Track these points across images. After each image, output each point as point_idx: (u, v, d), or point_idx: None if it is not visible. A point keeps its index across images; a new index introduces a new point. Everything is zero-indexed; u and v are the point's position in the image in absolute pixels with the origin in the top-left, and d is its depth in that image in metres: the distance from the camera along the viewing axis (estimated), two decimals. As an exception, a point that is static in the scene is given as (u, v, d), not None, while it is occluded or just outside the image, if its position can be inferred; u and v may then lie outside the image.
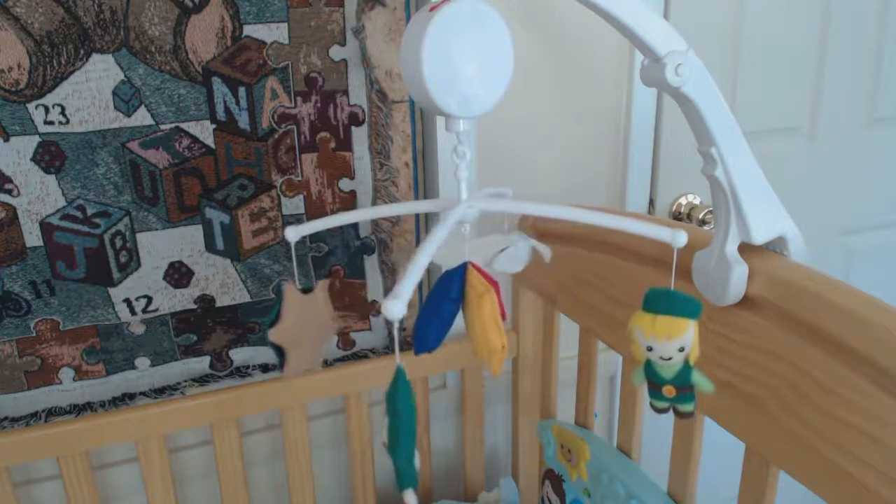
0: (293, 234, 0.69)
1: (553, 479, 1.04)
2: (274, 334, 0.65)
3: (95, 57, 0.85)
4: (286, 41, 0.92)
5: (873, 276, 1.42)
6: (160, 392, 1.02)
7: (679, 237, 0.46)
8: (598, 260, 0.90)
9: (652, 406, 0.58)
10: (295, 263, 0.63)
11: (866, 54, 1.27)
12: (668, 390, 0.55)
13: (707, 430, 0.79)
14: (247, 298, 1.01)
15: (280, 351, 0.66)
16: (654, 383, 0.55)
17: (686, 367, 0.53)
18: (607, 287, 0.88)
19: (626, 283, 0.85)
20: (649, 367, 0.55)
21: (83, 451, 0.92)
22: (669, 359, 0.52)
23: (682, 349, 0.52)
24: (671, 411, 0.57)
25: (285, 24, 0.91)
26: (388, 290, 1.09)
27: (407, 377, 0.45)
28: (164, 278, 0.97)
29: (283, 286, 0.67)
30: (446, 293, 0.53)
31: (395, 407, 0.44)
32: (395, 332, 0.44)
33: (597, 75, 1.10)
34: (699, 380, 0.54)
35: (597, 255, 0.90)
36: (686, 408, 0.56)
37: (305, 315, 0.65)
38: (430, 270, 1.13)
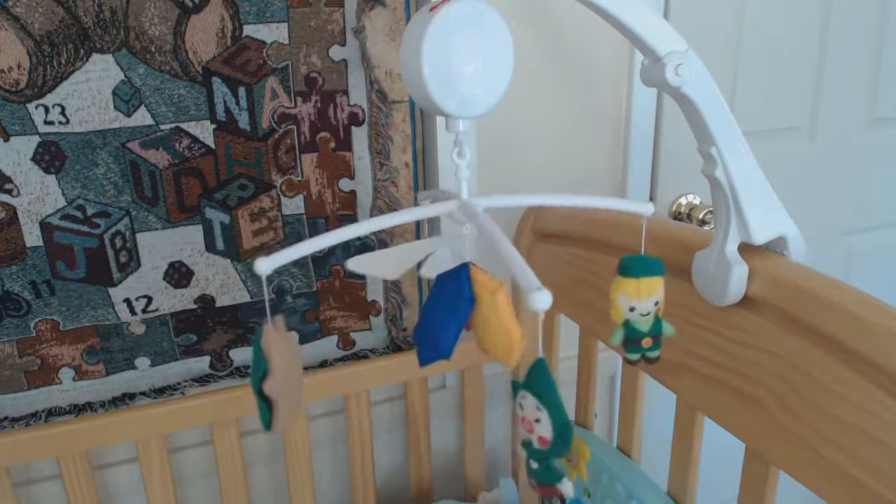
0: (266, 265, 0.54)
1: (553, 479, 1.04)
2: (269, 387, 0.55)
3: (95, 57, 0.85)
4: (286, 41, 0.92)
5: (873, 276, 1.42)
6: (160, 392, 1.02)
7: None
8: (598, 260, 0.90)
9: (627, 360, 0.63)
10: (268, 299, 0.53)
11: (866, 54, 1.27)
12: (647, 341, 0.62)
13: (707, 430, 0.79)
14: (247, 298, 1.01)
15: (268, 403, 0.56)
16: (634, 339, 0.61)
17: (658, 319, 0.61)
18: (607, 287, 0.88)
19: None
20: (629, 326, 0.61)
21: (83, 451, 0.92)
22: (648, 314, 0.60)
23: (657, 303, 0.60)
24: (640, 361, 0.63)
25: (285, 24, 0.91)
26: (387, 290, 1.09)
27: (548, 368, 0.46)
28: (164, 278, 0.97)
29: (260, 329, 0.56)
30: (458, 295, 0.52)
31: (550, 400, 0.45)
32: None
33: (597, 75, 1.10)
34: (666, 326, 0.62)
35: (596, 255, 0.90)
36: (655, 353, 0.63)
37: (287, 356, 0.56)
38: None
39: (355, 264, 0.59)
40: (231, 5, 0.88)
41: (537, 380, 0.44)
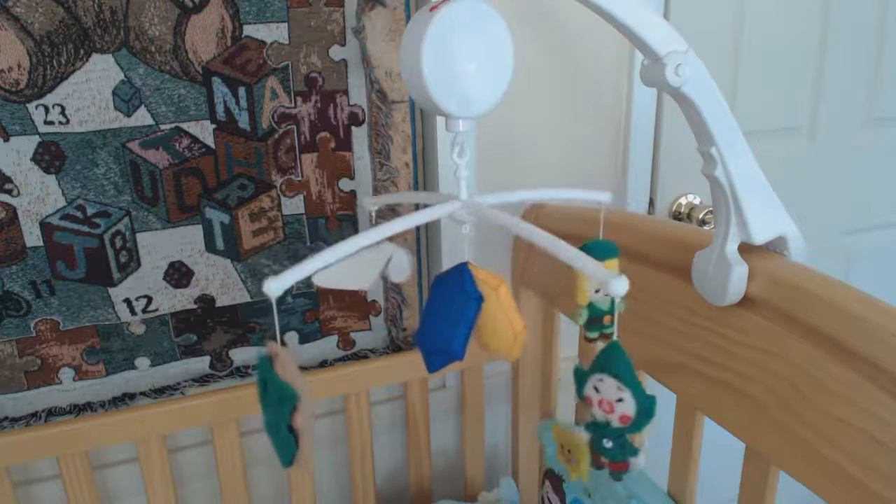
0: (276, 286, 0.48)
1: (553, 479, 1.04)
2: (302, 420, 0.49)
3: (95, 57, 0.85)
4: (286, 41, 0.92)
5: (873, 276, 1.42)
6: (160, 392, 1.02)
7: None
8: (598, 260, 0.90)
9: (587, 339, 0.67)
10: (277, 323, 0.47)
11: (866, 54, 1.27)
12: (607, 319, 0.66)
13: (707, 430, 0.79)
14: (247, 298, 1.01)
15: (295, 438, 0.50)
16: (596, 318, 0.66)
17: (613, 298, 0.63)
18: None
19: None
20: (592, 307, 0.65)
21: (83, 451, 0.92)
22: (607, 294, 0.62)
23: None
24: (599, 338, 0.67)
25: (285, 24, 0.91)
26: (388, 290, 1.09)
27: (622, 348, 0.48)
28: (164, 278, 0.97)
29: (266, 357, 0.49)
30: (464, 295, 0.52)
31: (631, 378, 0.47)
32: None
33: (597, 75, 1.10)
34: (620, 302, 0.65)
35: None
36: (611, 330, 0.66)
37: (303, 382, 0.50)
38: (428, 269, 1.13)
39: (321, 280, 0.56)
40: (231, 5, 0.88)
41: (615, 361, 0.46)
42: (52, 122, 0.86)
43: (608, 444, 0.51)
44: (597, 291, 0.64)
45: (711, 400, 0.74)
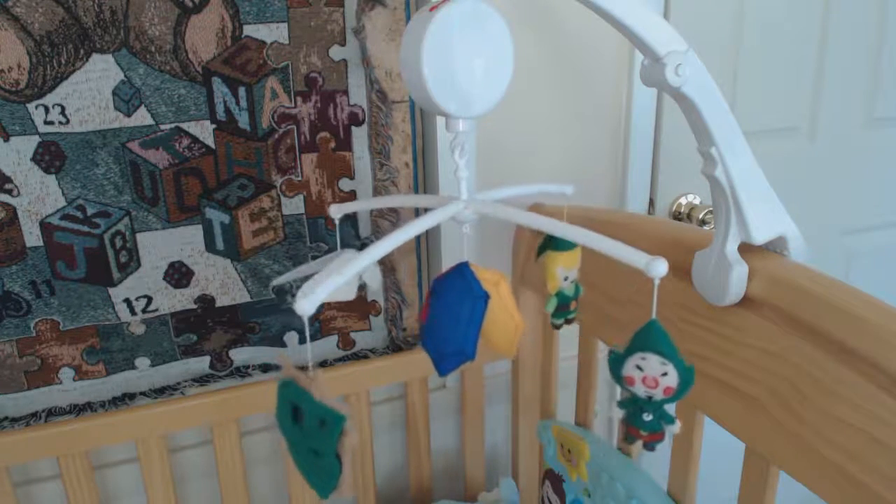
0: (308, 306, 0.50)
1: (553, 479, 1.04)
2: (352, 443, 0.46)
3: (95, 57, 0.85)
4: (286, 41, 0.92)
5: (873, 276, 1.42)
6: (160, 392, 1.02)
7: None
8: (598, 260, 0.90)
9: (554, 325, 0.71)
10: (309, 341, 0.46)
11: (866, 54, 1.27)
12: (573, 304, 0.70)
13: (707, 430, 0.79)
14: (247, 298, 1.01)
15: (339, 462, 0.46)
16: (563, 304, 0.69)
17: (577, 284, 0.70)
18: (607, 287, 0.89)
19: (626, 283, 0.85)
20: (560, 294, 0.68)
21: (83, 451, 0.92)
22: (573, 281, 0.70)
23: (577, 269, 0.69)
24: (563, 324, 0.72)
25: (285, 24, 0.91)
26: (388, 290, 1.09)
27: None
28: (164, 278, 0.97)
29: (291, 376, 0.46)
30: (470, 295, 0.52)
31: (673, 352, 0.50)
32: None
33: (597, 75, 1.10)
34: (580, 288, 0.71)
35: (596, 255, 0.90)
36: (573, 315, 0.71)
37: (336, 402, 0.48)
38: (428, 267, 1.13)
39: (314, 303, 0.56)
40: (231, 5, 0.88)
41: (657, 339, 0.49)
42: (52, 122, 0.86)
43: (648, 417, 0.53)
44: (565, 279, 0.68)
45: (711, 400, 0.74)
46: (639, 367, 0.51)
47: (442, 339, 0.52)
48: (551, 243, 0.67)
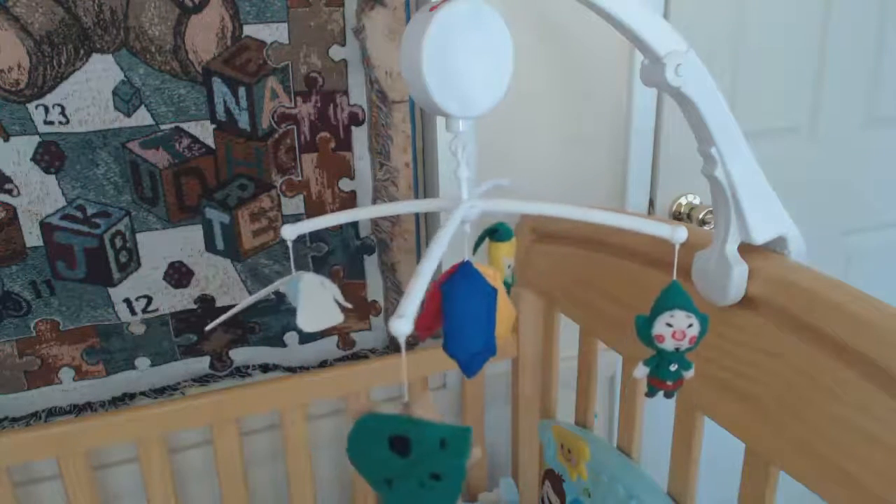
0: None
1: (553, 479, 1.04)
2: (479, 452, 0.44)
3: (95, 57, 0.85)
4: (286, 41, 0.92)
5: (873, 276, 1.42)
6: (160, 392, 1.02)
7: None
8: (598, 260, 0.90)
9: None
10: (404, 357, 0.45)
11: (866, 54, 1.27)
12: (514, 291, 0.75)
13: (707, 430, 0.79)
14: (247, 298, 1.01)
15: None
16: (507, 291, 0.72)
17: (513, 273, 0.78)
18: (607, 287, 0.89)
19: (626, 283, 0.85)
20: (505, 283, 0.73)
21: (83, 451, 0.92)
22: (513, 268, 0.77)
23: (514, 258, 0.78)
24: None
25: (285, 24, 0.91)
26: (388, 290, 1.09)
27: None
28: (164, 278, 0.97)
29: (368, 412, 0.44)
30: (481, 293, 0.52)
31: (693, 305, 0.57)
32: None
33: (597, 75, 1.10)
34: (515, 276, 0.82)
35: (596, 256, 0.90)
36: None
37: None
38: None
39: (309, 326, 0.69)
40: (231, 5, 0.88)
41: (680, 296, 0.56)
42: (52, 122, 0.86)
43: (674, 367, 0.59)
44: (508, 267, 0.75)
45: (711, 400, 0.74)
46: (668, 325, 0.57)
47: (470, 340, 0.52)
48: (494, 235, 0.75)
